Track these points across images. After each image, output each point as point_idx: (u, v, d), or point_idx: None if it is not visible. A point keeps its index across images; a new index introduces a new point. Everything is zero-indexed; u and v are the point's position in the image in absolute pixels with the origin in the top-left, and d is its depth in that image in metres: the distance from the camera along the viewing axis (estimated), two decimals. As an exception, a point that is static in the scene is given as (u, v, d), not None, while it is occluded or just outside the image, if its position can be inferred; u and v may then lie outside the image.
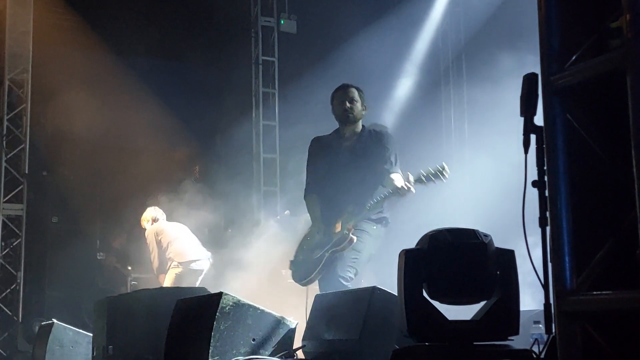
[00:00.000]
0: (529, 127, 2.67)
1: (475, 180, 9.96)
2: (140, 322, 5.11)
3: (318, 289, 5.36)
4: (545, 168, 2.54)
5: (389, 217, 5.43)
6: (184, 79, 11.40)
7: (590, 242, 2.41)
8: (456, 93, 11.55)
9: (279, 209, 10.46)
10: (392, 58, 10.65)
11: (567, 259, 2.42)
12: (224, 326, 4.09)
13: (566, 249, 2.43)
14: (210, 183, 10.30)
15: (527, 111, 2.69)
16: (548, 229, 2.49)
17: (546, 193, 2.52)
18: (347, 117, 5.44)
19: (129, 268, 10.08)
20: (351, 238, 5.17)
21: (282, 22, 11.30)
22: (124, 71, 10.32)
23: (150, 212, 8.72)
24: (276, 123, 11.28)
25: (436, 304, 3.07)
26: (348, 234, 5.17)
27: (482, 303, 3.14)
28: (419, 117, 10.35)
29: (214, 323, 4.05)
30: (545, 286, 2.53)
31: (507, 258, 3.09)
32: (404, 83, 10.92)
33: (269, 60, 11.42)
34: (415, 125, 9.88)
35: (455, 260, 3.03)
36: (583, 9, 2.56)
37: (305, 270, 5.37)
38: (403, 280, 3.04)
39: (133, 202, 9.37)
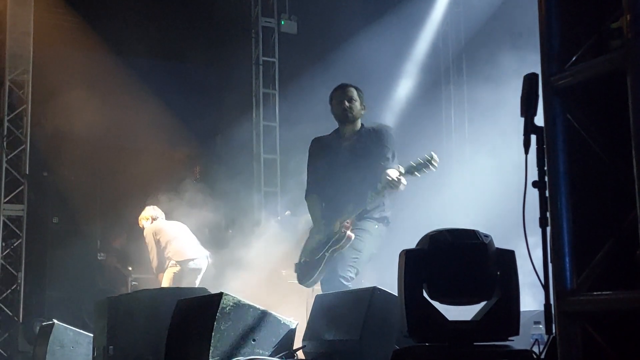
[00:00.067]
0: (529, 128, 2.66)
1: (475, 180, 9.96)
2: (140, 323, 5.11)
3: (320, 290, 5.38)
4: (545, 168, 2.54)
5: (390, 216, 5.43)
6: (184, 79, 11.39)
7: (590, 243, 2.41)
8: (456, 93, 11.55)
9: (280, 210, 10.46)
10: (393, 58, 10.64)
11: (568, 259, 2.42)
12: (225, 326, 4.09)
13: (566, 249, 2.43)
14: (210, 183, 10.30)
15: (528, 111, 2.68)
16: (548, 229, 2.49)
17: (546, 193, 2.51)
18: (347, 117, 5.44)
19: (130, 268, 10.07)
20: (349, 235, 5.17)
21: (283, 23, 11.29)
22: (125, 71, 10.31)
23: (148, 211, 8.71)
24: (276, 124, 11.28)
25: (436, 305, 3.07)
26: (345, 232, 5.17)
27: (483, 303, 3.14)
28: (420, 117, 10.33)
29: (215, 323, 4.05)
30: (545, 286, 2.53)
31: (508, 258, 3.09)
32: (405, 83, 10.91)
33: (270, 60, 11.42)
34: (415, 125, 9.86)
35: (455, 260, 3.03)
36: (583, 9, 2.56)
37: (308, 271, 5.37)
38: (403, 280, 3.04)
39: (133, 202, 9.36)
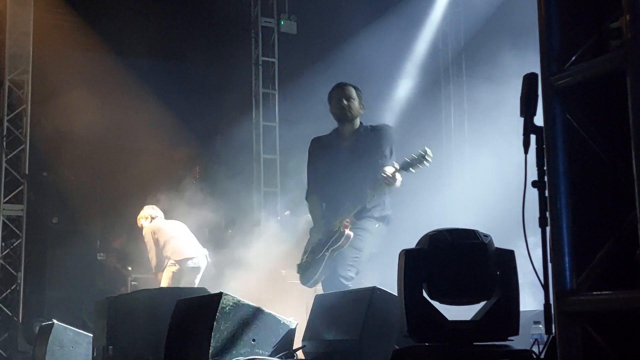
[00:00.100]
0: (529, 127, 2.66)
1: (475, 180, 9.96)
2: (140, 323, 5.11)
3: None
4: (545, 168, 2.54)
5: (392, 215, 5.43)
6: (184, 79, 11.39)
7: (590, 242, 2.41)
8: (456, 93, 11.56)
9: (279, 210, 10.47)
10: (393, 58, 10.65)
11: (567, 259, 2.42)
12: (224, 326, 4.09)
13: (566, 249, 2.43)
14: (210, 183, 10.30)
15: (527, 111, 2.68)
16: (548, 229, 2.49)
17: (546, 193, 2.51)
18: (345, 115, 5.42)
19: (129, 268, 10.08)
20: (347, 234, 5.17)
21: (282, 23, 11.30)
22: (124, 71, 10.32)
23: (147, 210, 8.70)
24: (276, 124, 11.27)
25: (436, 304, 3.07)
26: (344, 231, 5.17)
27: (482, 303, 3.14)
28: (419, 117, 10.33)
29: (214, 323, 4.05)
30: (545, 286, 2.52)
31: (507, 258, 3.09)
32: (404, 83, 10.92)
33: (269, 60, 11.42)
34: (415, 125, 9.86)
35: (455, 260, 3.03)
36: (583, 9, 2.56)
37: (309, 272, 5.36)
38: (403, 280, 3.04)
39: (133, 202, 9.36)
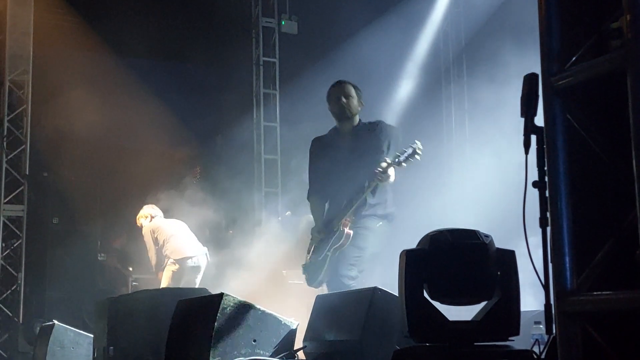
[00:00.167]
0: (530, 128, 2.66)
1: (476, 180, 9.95)
2: (141, 323, 5.11)
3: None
4: (545, 168, 2.53)
5: (395, 212, 5.42)
6: (185, 80, 11.40)
7: (590, 243, 2.41)
8: (457, 93, 11.55)
9: (280, 210, 10.46)
10: (393, 58, 10.64)
11: (568, 259, 2.42)
12: (225, 327, 4.09)
13: (566, 249, 2.43)
14: (211, 183, 10.29)
15: (528, 112, 2.68)
16: (548, 229, 2.49)
17: (546, 193, 2.51)
18: (344, 113, 5.42)
19: (130, 269, 10.07)
20: (347, 233, 5.18)
21: (283, 23, 11.29)
22: (125, 71, 10.32)
23: (146, 209, 8.69)
24: (277, 124, 11.26)
25: (437, 305, 3.07)
26: (344, 230, 5.17)
27: (483, 303, 3.14)
28: (420, 117, 10.33)
29: (215, 324, 4.05)
30: (545, 286, 2.52)
31: (508, 258, 3.09)
32: (405, 83, 10.91)
33: (270, 61, 11.41)
34: (416, 125, 9.85)
35: (456, 260, 3.03)
36: (583, 10, 2.56)
37: (314, 272, 5.38)
38: (404, 280, 3.04)
39: (134, 203, 9.35)
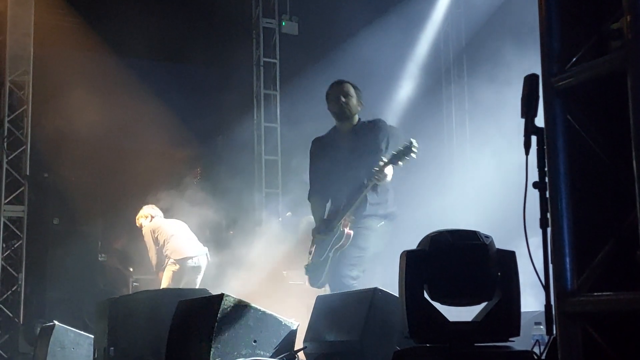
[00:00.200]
0: (530, 128, 2.66)
1: (476, 180, 9.96)
2: (141, 324, 5.11)
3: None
4: (546, 169, 2.53)
5: (396, 211, 5.42)
6: (185, 80, 11.40)
7: (590, 243, 2.41)
8: (457, 93, 11.56)
9: (281, 210, 10.46)
10: (394, 58, 10.64)
11: (568, 260, 2.42)
12: (225, 327, 4.09)
13: (567, 250, 2.43)
14: (212, 183, 10.30)
15: (528, 112, 2.68)
16: (549, 230, 2.49)
17: (547, 194, 2.51)
18: (343, 113, 5.42)
19: (131, 269, 10.07)
20: (347, 233, 5.18)
21: (284, 24, 11.29)
22: (125, 72, 10.32)
23: (146, 209, 8.68)
24: (277, 125, 11.26)
25: (437, 305, 3.07)
26: (344, 230, 5.18)
27: (483, 304, 3.14)
28: (421, 117, 10.34)
29: (216, 324, 4.05)
30: (546, 287, 2.52)
31: (508, 259, 3.09)
32: (406, 83, 10.91)
33: (270, 61, 11.41)
34: (416, 125, 9.86)
35: (456, 261, 3.03)
36: (583, 10, 2.56)
37: (316, 273, 5.38)
38: (404, 281, 3.04)
39: (134, 203, 9.35)
